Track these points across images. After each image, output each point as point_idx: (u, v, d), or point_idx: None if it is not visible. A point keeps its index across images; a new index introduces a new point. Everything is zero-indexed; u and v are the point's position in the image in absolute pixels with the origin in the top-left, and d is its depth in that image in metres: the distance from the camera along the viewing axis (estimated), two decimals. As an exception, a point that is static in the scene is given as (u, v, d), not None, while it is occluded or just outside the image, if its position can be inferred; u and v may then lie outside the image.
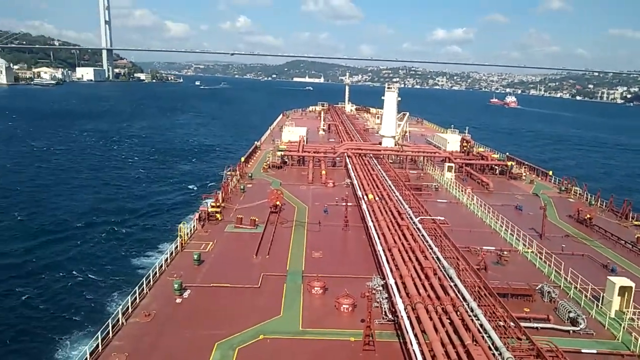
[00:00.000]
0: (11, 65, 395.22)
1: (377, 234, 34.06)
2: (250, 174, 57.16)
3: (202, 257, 31.74)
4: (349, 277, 29.02)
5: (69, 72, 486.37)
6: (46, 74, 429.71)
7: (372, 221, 37.00)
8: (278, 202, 42.50)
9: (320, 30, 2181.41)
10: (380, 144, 71.29)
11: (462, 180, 59.55)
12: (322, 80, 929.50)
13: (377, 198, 42.97)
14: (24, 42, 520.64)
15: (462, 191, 52.28)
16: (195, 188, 77.29)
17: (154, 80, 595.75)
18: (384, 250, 30.70)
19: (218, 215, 40.30)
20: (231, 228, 38.29)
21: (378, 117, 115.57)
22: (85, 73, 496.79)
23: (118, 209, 64.53)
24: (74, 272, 44.65)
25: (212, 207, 40.94)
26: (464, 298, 24.11)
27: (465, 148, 72.60)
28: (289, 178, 57.52)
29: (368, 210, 39.88)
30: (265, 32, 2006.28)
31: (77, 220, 58.67)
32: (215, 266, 30.98)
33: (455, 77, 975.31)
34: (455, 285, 25.63)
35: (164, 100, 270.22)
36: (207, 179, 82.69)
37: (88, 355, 20.02)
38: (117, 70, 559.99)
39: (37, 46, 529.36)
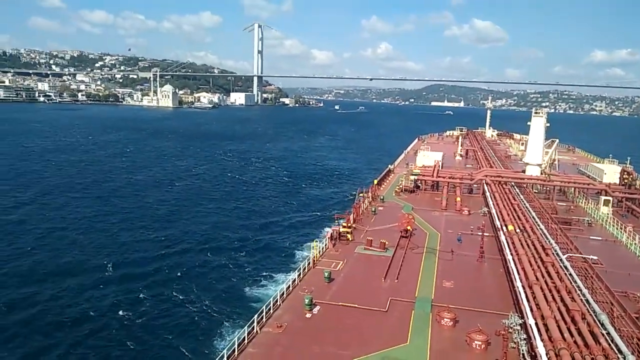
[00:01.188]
0: (177, 90, 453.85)
1: (517, 268, 31.02)
2: (382, 197, 56.83)
3: (332, 275, 32.11)
4: (482, 312, 26.89)
5: (224, 96, 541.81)
6: (205, 98, 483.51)
7: (511, 254, 33.86)
8: (409, 227, 41.51)
9: (462, 54, 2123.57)
10: (523, 171, 65.87)
11: (621, 217, 51.70)
12: (461, 104, 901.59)
13: (517, 230, 39.45)
14: (190, 70, 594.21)
15: (621, 229, 45.41)
16: (327, 208, 78.60)
17: (297, 105, 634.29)
18: (523, 287, 27.75)
19: (349, 236, 40.48)
20: (361, 249, 38.25)
21: (522, 144, 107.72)
22: (237, 98, 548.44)
23: (252, 225, 68.11)
24: (212, 280, 47.68)
25: (344, 227, 41.13)
26: (619, 350, 20.39)
27: (626, 181, 63.33)
28: (421, 203, 56.11)
29: (507, 242, 36.59)
30: (406, 58, 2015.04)
31: (213, 233, 62.99)
32: (344, 285, 31.14)
33: (616, 102, 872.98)
34: (608, 333, 21.86)
35: (303, 124, 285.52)
36: (338, 200, 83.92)
37: (225, 358, 21.31)
38: (265, 95, 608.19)
39: (199, 74, 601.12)
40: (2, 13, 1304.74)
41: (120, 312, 39.90)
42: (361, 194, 54.06)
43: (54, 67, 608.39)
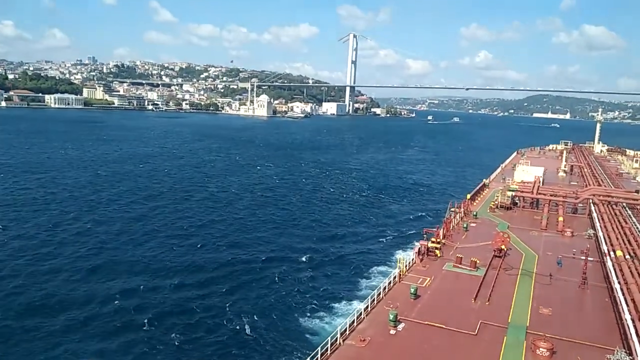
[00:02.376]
0: (272, 100, 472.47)
1: (625, 298, 28.02)
2: (475, 213, 54.48)
3: (419, 291, 31.13)
4: (583, 344, 24.61)
5: (317, 106, 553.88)
6: (298, 108, 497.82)
7: (619, 283, 30.72)
8: (503, 246, 39.24)
9: (570, 63, 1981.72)
10: (637, 192, 59.93)
11: None
12: (567, 116, 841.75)
13: (627, 256, 35.88)
14: (285, 81, 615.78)
15: None
16: (409, 223, 76.28)
17: (388, 115, 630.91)
18: (633, 320, 24.99)
19: (437, 252, 39.35)
20: (450, 266, 36.95)
21: (636, 161, 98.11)
22: (329, 107, 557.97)
23: (333, 236, 67.48)
24: (292, 288, 47.73)
25: (432, 242, 39.96)
26: None
27: None
28: (518, 221, 52.82)
29: (614, 269, 33.25)
30: (507, 67, 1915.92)
31: (292, 243, 62.81)
32: (431, 303, 30.18)
33: None
34: None
35: (391, 134, 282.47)
36: (421, 216, 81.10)
37: None
38: (356, 105, 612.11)
39: (294, 84, 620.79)
40: (123, 28, 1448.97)
41: (210, 313, 41.27)
42: (452, 209, 51.73)
43: (164, 77, 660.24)
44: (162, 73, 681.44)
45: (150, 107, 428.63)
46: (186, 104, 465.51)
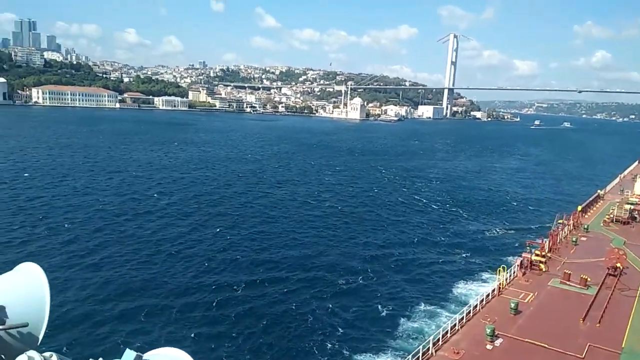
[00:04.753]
0: (365, 103, 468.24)
1: None
2: (586, 226, 50.92)
3: (520, 307, 29.94)
4: None
5: (412, 109, 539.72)
6: (392, 111, 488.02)
7: None
8: (619, 264, 36.22)
9: None
10: None
11: None
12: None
13: None
14: (381, 84, 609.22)
15: None
16: (511, 233, 68.32)
17: (489, 119, 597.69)
18: None
19: (542, 266, 37.54)
20: (556, 282, 34.96)
21: None
22: (425, 111, 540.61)
23: (422, 242, 62.15)
24: (381, 296, 44.68)
25: (537, 255, 38.20)
26: None
27: None
28: (636, 237, 48.06)
29: None
30: (629, 67, 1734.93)
31: (373, 250, 58.51)
32: (533, 320, 28.74)
33: None
34: None
35: (490, 140, 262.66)
36: (516, 229, 71.97)
37: None
38: (455, 109, 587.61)
39: (390, 87, 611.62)
40: (231, 34, 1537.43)
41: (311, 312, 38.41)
42: (560, 221, 48.76)
43: (265, 81, 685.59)
44: (264, 77, 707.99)
45: (248, 109, 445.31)
46: (282, 106, 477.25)
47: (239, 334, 36.42)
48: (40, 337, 3.42)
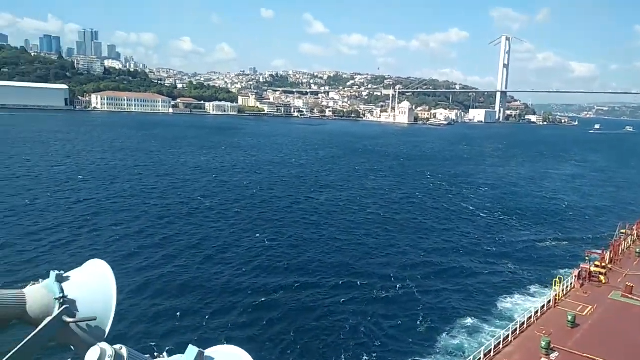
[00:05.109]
0: (413, 107, 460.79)
1: None
2: None
3: (577, 320, 28.94)
4: None
5: (463, 113, 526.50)
6: (441, 115, 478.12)
7: None
8: None
9: None
10: None
11: None
12: None
13: None
14: (431, 87, 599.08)
15: None
16: (565, 244, 64.30)
17: (545, 123, 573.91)
18: None
19: (602, 277, 36.32)
20: (617, 296, 33.58)
21: None
22: (477, 114, 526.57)
23: (474, 252, 59.45)
24: (436, 303, 43.59)
25: (596, 266, 37.19)
26: None
27: None
28: None
29: None
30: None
31: (420, 257, 56.53)
32: (591, 334, 27.62)
33: None
34: None
35: (544, 145, 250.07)
36: (581, 236, 68.05)
37: None
38: (508, 112, 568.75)
39: (440, 90, 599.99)
40: (281, 41, 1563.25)
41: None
42: (623, 230, 47.77)
43: (313, 86, 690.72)
44: (312, 82, 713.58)
45: (296, 114, 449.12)
46: (330, 111, 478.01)
47: (272, 339, 35.85)
48: (107, 330, 3.59)
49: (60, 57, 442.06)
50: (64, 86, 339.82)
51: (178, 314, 38.07)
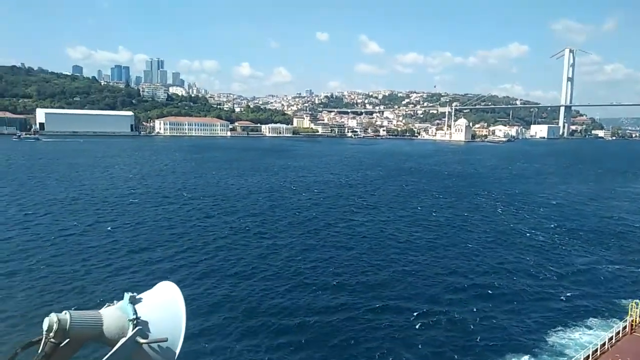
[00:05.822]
0: (470, 124, 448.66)
1: None
2: None
3: None
4: None
5: (524, 129, 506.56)
6: (500, 131, 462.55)
7: None
8: None
9: None
10: None
11: None
12: None
13: None
14: (489, 103, 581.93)
15: None
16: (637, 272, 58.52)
17: (614, 138, 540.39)
18: None
19: None
20: None
21: None
22: (538, 130, 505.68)
23: (525, 277, 55.12)
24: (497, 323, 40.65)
25: None
26: None
27: None
28: None
29: None
30: None
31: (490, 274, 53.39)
32: None
33: None
34: None
35: (611, 162, 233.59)
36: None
37: None
38: (573, 127, 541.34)
39: (499, 106, 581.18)
40: (336, 62, 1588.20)
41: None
42: None
43: (367, 105, 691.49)
44: (366, 101, 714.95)
45: (349, 134, 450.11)
46: (383, 130, 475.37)
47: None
48: (177, 351, 3.71)
49: (127, 85, 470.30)
50: (130, 113, 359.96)
51: (236, 332, 37.83)
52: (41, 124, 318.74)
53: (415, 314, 44.43)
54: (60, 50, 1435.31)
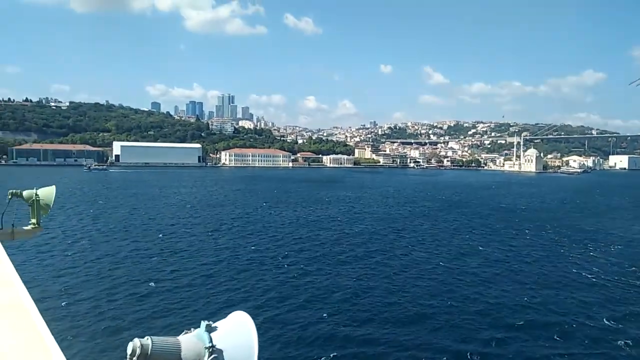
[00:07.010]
0: (541, 154, 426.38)
1: None
2: None
3: None
4: None
5: (601, 160, 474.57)
6: (575, 162, 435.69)
7: None
8: None
9: None
10: None
11: None
12: None
13: None
14: (562, 133, 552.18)
15: None
16: None
17: None
18: None
19: None
20: None
21: None
22: (618, 161, 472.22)
23: (588, 323, 49.53)
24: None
25: None
26: None
27: None
28: None
29: None
30: None
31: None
32: None
33: None
34: None
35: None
36: None
37: None
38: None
39: (573, 136, 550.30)
40: (400, 94, 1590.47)
41: None
42: None
43: (432, 136, 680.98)
44: (431, 132, 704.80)
45: (411, 164, 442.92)
46: (447, 160, 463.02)
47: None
48: None
49: (197, 119, 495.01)
50: (198, 145, 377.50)
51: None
52: (117, 156, 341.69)
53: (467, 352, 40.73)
54: (141, 88, 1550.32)
